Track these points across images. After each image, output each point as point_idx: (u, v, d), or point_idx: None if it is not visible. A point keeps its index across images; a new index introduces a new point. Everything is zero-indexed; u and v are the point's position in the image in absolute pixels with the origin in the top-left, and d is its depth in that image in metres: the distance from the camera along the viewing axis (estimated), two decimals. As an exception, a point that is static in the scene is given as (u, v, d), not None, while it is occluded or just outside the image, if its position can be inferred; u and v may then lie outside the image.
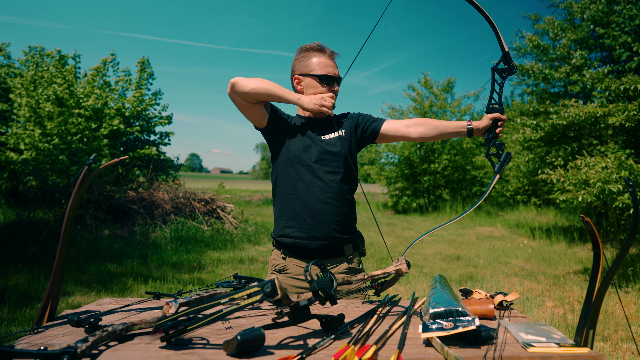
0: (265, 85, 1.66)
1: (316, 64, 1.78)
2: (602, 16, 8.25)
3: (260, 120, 1.77)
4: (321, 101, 1.70)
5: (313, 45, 1.81)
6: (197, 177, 58.38)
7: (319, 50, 1.80)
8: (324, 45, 1.81)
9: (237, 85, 1.66)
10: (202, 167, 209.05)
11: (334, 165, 1.74)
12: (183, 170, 13.11)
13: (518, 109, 10.36)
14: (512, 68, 1.62)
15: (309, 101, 1.70)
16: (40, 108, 9.87)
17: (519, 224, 11.63)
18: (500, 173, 1.60)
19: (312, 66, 1.78)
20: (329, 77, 1.77)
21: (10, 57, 12.39)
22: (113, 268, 5.70)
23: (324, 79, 1.76)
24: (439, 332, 0.99)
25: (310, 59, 1.79)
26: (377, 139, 1.86)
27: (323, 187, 1.71)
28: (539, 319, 4.17)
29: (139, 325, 1.05)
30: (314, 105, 1.70)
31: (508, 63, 1.62)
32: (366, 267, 6.21)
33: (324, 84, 1.77)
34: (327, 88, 1.77)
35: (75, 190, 1.23)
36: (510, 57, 1.61)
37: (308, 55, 1.80)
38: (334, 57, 1.83)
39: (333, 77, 1.78)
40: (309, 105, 1.70)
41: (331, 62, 1.80)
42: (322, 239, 1.70)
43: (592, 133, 8.62)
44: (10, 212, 9.19)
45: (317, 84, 1.77)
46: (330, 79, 1.77)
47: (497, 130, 1.68)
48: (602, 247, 1.08)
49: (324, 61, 1.78)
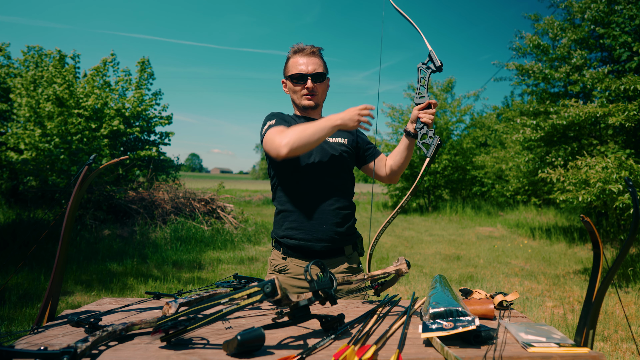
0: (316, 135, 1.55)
1: (290, 65, 1.81)
2: (602, 16, 8.25)
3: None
4: (358, 117, 1.59)
5: (292, 47, 1.84)
6: (197, 177, 58.40)
7: (295, 51, 1.82)
8: (300, 45, 1.82)
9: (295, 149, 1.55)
10: (202, 167, 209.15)
11: (337, 168, 1.77)
12: (183, 170, 13.09)
13: (518, 109, 10.35)
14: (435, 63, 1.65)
15: (349, 120, 1.58)
16: (40, 108, 9.87)
17: (519, 224, 11.63)
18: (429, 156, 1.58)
19: (288, 68, 1.82)
20: (298, 75, 1.77)
21: (10, 58, 12.39)
22: (113, 268, 5.70)
23: (295, 78, 1.78)
24: (439, 332, 0.99)
25: (287, 63, 1.83)
26: (361, 167, 1.94)
27: (326, 189, 1.73)
28: (539, 319, 4.17)
29: (139, 325, 1.05)
30: (356, 123, 1.59)
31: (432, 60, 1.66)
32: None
33: (295, 83, 1.79)
34: (300, 86, 1.79)
35: (75, 190, 1.23)
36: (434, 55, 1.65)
37: (288, 58, 1.84)
38: (312, 53, 1.80)
39: (303, 74, 1.77)
40: (352, 125, 1.59)
41: (304, 60, 1.78)
42: (326, 241, 1.71)
43: (592, 133, 8.62)
44: (10, 212, 9.19)
45: (291, 84, 1.81)
46: (301, 77, 1.77)
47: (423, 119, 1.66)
48: (602, 247, 1.08)
49: (295, 61, 1.80)
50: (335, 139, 1.82)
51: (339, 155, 1.78)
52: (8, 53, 12.37)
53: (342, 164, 1.78)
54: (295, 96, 1.82)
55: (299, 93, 1.80)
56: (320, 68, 1.80)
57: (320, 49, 1.84)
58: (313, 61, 1.79)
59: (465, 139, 17.34)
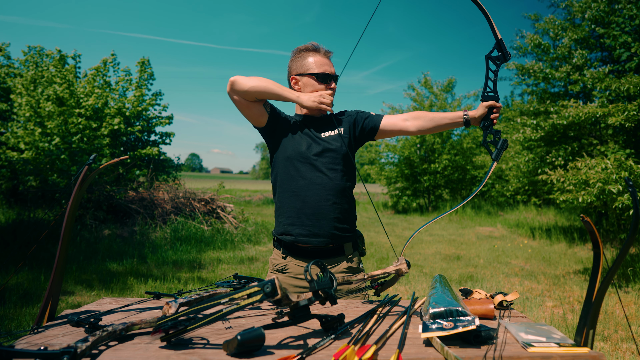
0: (264, 84, 1.68)
1: (312, 63, 1.81)
2: (602, 16, 8.24)
3: (259, 119, 1.79)
4: (320, 98, 1.73)
5: (308, 45, 1.85)
6: (197, 177, 58.33)
7: (314, 50, 1.83)
8: (319, 45, 1.85)
9: (237, 83, 1.68)
10: (202, 167, 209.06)
11: (335, 162, 1.76)
12: (183, 170, 13.08)
13: (518, 109, 10.35)
14: (505, 55, 1.61)
15: (307, 99, 1.72)
16: (41, 108, 9.86)
17: (519, 224, 11.62)
18: (497, 160, 1.61)
19: (309, 65, 1.81)
20: (325, 75, 1.79)
21: (10, 58, 12.40)
22: (113, 268, 5.70)
23: (321, 77, 1.79)
24: (439, 332, 0.99)
25: (307, 59, 1.82)
26: (376, 135, 1.89)
27: (324, 184, 1.73)
28: (539, 319, 4.17)
29: (139, 325, 1.05)
30: (313, 103, 1.72)
31: (502, 50, 1.62)
32: (366, 267, 6.21)
33: (321, 82, 1.79)
34: (324, 86, 1.80)
35: (75, 190, 1.23)
36: (503, 44, 1.60)
37: (304, 55, 1.83)
38: (329, 55, 1.86)
39: (330, 74, 1.80)
40: (308, 103, 1.72)
41: (327, 61, 1.83)
42: (323, 237, 1.70)
43: (592, 133, 8.61)
44: (11, 212, 9.20)
45: (314, 82, 1.79)
46: (328, 77, 1.80)
47: (493, 117, 1.69)
48: (602, 247, 1.08)
49: (320, 60, 1.81)
50: (330, 132, 1.81)
51: (334, 148, 1.77)
52: (8, 53, 12.36)
53: (338, 156, 1.77)
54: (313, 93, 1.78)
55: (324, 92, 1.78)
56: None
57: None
58: (331, 63, 1.84)
59: (465, 139, 17.32)
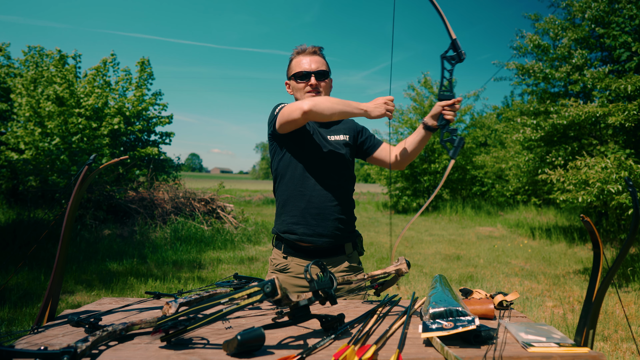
0: (339, 107, 1.60)
1: (293, 66, 1.85)
2: (602, 16, 8.24)
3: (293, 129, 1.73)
4: (385, 106, 1.63)
5: (295, 50, 1.88)
6: (197, 177, 58.32)
7: (297, 52, 1.86)
8: (305, 46, 1.86)
9: (314, 113, 1.59)
10: (202, 167, 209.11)
11: (340, 166, 1.80)
12: (183, 170, 13.08)
13: (518, 109, 10.34)
14: (460, 55, 1.61)
15: (374, 108, 1.63)
16: (41, 108, 9.86)
17: (519, 223, 11.63)
18: (454, 158, 1.60)
19: (292, 69, 1.86)
20: (302, 74, 1.80)
21: (10, 58, 12.39)
22: (113, 268, 5.70)
23: (298, 76, 1.81)
24: (439, 332, 0.99)
25: (291, 63, 1.87)
26: (367, 159, 1.96)
27: (330, 185, 1.76)
28: (539, 319, 4.17)
29: (139, 325, 1.05)
30: (380, 112, 1.63)
31: (457, 50, 1.62)
32: (366, 267, 6.21)
33: (299, 81, 1.82)
34: (304, 83, 1.81)
35: (75, 190, 1.23)
36: (458, 44, 1.60)
37: (290, 61, 1.88)
38: (314, 52, 1.84)
39: (306, 72, 1.80)
40: (377, 113, 1.63)
41: (307, 59, 1.83)
42: (327, 237, 1.73)
43: (592, 133, 8.61)
44: (11, 212, 9.19)
45: (295, 83, 1.83)
46: (304, 75, 1.80)
47: (447, 116, 1.68)
48: (602, 247, 1.08)
49: (299, 60, 1.84)
50: (337, 137, 1.85)
51: (341, 153, 1.81)
52: (8, 53, 12.36)
53: (344, 162, 1.82)
54: (298, 94, 1.84)
55: (303, 91, 1.82)
56: (323, 66, 1.83)
57: (322, 48, 1.87)
58: (316, 59, 1.83)
59: (465, 139, 17.33)
